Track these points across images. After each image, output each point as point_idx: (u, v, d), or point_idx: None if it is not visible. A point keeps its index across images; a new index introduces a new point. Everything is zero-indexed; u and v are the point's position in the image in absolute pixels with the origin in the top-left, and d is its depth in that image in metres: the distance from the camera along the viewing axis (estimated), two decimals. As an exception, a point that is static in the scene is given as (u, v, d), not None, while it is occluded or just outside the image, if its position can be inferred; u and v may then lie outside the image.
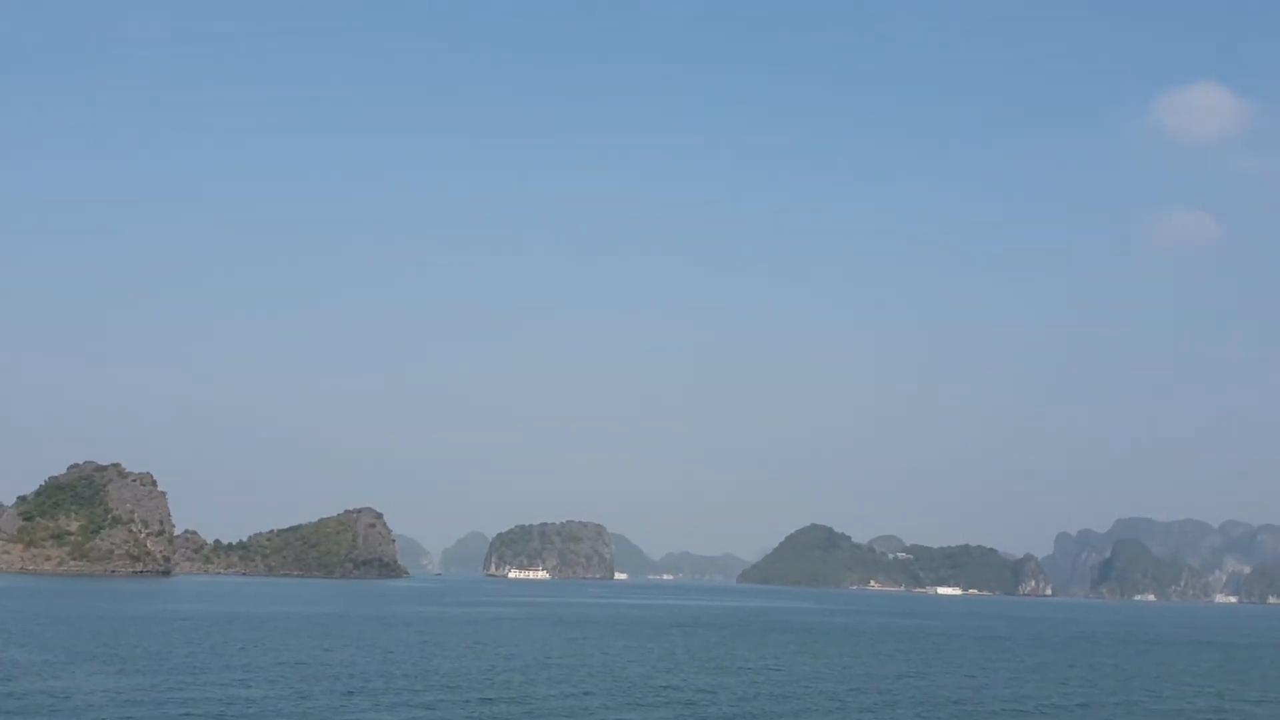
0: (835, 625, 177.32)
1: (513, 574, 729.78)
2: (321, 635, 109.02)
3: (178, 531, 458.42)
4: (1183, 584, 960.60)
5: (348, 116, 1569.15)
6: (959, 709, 67.12)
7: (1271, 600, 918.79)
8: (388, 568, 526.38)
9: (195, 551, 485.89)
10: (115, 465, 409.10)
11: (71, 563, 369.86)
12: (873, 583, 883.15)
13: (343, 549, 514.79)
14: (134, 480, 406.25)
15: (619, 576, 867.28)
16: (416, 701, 58.59)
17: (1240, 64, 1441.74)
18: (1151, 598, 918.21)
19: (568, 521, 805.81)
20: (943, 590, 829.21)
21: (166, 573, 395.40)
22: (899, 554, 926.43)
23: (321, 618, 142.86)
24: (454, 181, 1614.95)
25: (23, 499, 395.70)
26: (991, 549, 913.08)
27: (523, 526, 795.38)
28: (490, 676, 73.92)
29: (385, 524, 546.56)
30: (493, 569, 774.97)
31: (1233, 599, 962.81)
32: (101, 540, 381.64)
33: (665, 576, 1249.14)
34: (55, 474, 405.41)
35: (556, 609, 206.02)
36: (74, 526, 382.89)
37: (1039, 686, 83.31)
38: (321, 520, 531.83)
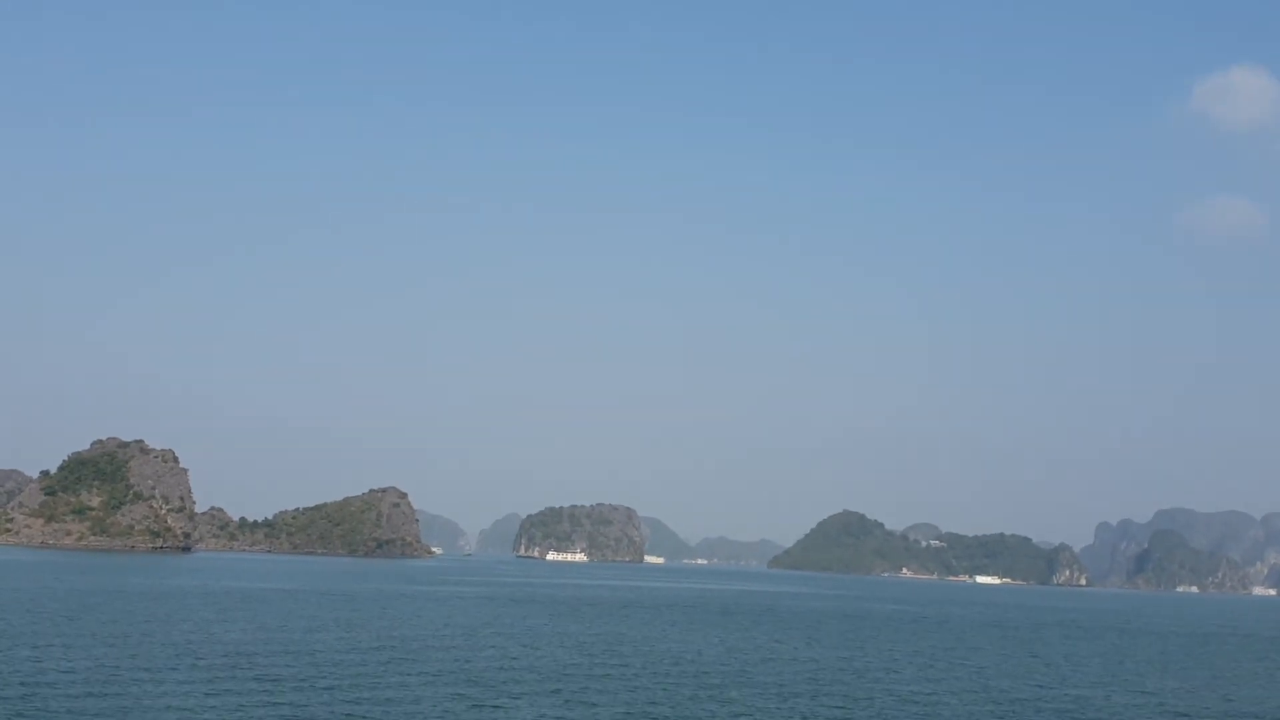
0: (793, 609, 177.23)
1: (550, 556, 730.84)
2: (234, 609, 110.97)
3: (203, 508, 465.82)
4: (1220, 576, 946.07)
5: (370, 109, 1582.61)
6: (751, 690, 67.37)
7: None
8: (410, 547, 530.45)
9: (220, 528, 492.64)
10: (138, 442, 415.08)
11: (92, 538, 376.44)
12: (905, 570, 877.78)
13: (366, 528, 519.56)
14: (156, 457, 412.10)
15: (652, 560, 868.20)
16: (224, 687, 59.65)
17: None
18: (1194, 589, 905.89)
19: (598, 504, 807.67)
20: (981, 579, 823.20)
21: (187, 549, 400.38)
22: (932, 541, 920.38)
23: (273, 594, 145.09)
24: (484, 168, 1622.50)
25: (46, 474, 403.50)
26: (1026, 538, 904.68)
27: (552, 509, 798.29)
28: (346, 656, 75.08)
29: (410, 503, 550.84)
30: (522, 550, 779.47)
31: (1271, 591, 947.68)
32: (122, 516, 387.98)
33: (699, 561, 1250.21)
34: (79, 449, 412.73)
35: (529, 589, 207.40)
36: (95, 502, 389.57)
37: (922, 675, 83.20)
38: (346, 499, 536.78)
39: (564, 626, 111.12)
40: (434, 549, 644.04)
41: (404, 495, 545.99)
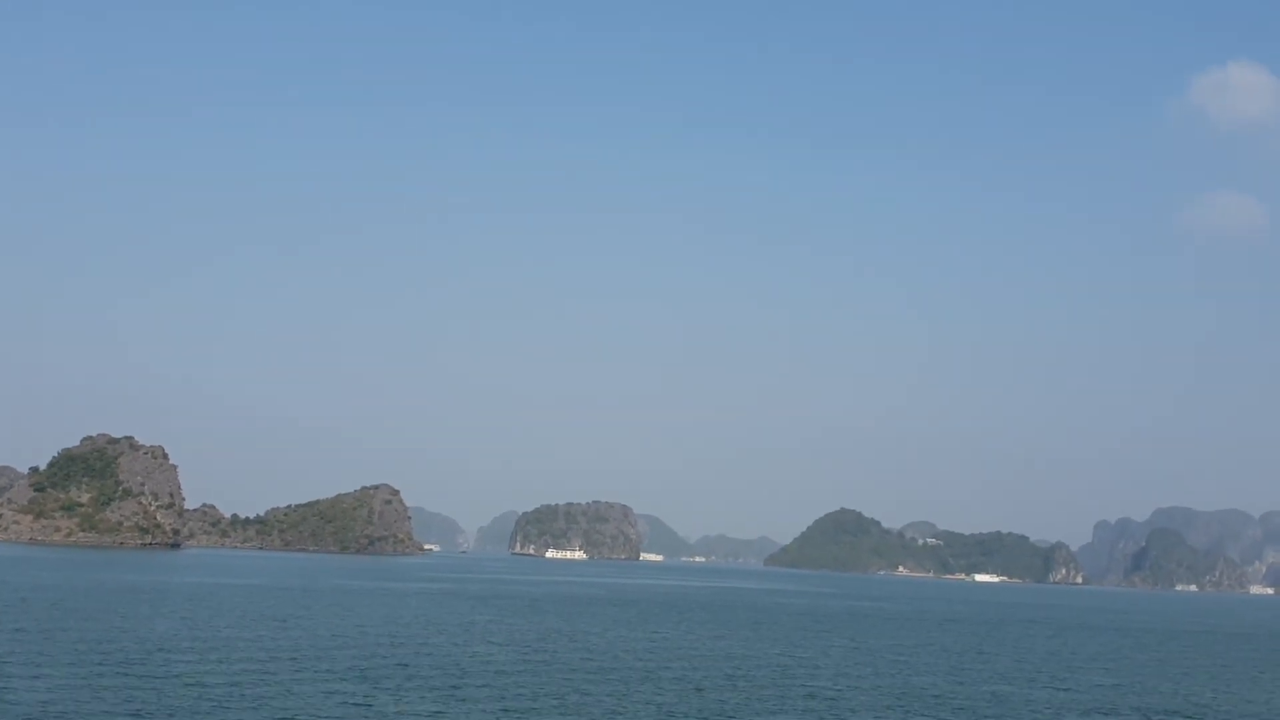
0: (763, 605, 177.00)
1: (550, 553, 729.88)
2: (172, 605, 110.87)
3: (194, 505, 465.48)
4: (1218, 574, 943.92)
5: (370, 109, 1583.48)
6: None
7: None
8: (402, 544, 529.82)
9: (212, 525, 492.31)
10: (128, 438, 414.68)
11: (80, 534, 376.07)
12: (901, 568, 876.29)
13: (358, 525, 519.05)
14: (145, 453, 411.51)
15: (650, 558, 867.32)
16: (102, 684, 59.42)
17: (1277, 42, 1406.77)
18: (1193, 588, 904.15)
19: (594, 502, 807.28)
20: (980, 577, 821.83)
21: (176, 546, 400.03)
22: (929, 540, 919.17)
23: (229, 589, 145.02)
24: (484, 168, 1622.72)
25: (35, 470, 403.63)
26: (1023, 536, 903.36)
27: (549, 506, 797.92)
28: (255, 652, 74.99)
29: (401, 500, 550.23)
30: (518, 547, 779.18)
31: (1269, 590, 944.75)
32: (111, 512, 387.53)
33: (697, 559, 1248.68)
34: (69, 446, 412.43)
35: (501, 585, 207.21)
36: (84, 498, 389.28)
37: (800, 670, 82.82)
38: (338, 496, 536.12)
39: (507, 621, 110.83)
40: (428, 546, 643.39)
41: (396, 492, 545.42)
